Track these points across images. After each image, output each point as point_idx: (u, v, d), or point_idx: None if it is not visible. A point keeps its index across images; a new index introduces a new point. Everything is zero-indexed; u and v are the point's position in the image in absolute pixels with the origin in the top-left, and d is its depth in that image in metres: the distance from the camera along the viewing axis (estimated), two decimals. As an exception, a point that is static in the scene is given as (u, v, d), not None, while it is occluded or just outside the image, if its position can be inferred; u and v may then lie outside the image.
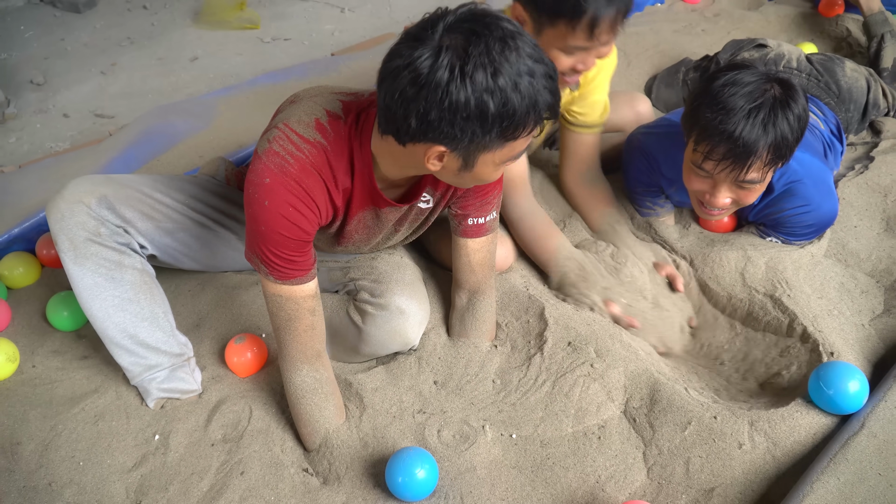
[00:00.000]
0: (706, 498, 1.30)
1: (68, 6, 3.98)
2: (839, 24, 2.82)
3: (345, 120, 1.30)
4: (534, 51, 1.10)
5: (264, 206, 1.26)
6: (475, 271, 1.58)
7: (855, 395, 1.34)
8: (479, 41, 1.06)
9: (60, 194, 1.47)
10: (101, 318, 1.47)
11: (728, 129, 1.48)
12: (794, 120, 1.48)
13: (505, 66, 1.06)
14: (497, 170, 1.23)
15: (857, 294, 1.71)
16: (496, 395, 1.52)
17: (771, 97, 1.48)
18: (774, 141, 1.47)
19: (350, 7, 3.92)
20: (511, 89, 1.07)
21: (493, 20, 1.09)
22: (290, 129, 1.28)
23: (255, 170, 1.28)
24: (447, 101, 1.06)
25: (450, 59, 1.05)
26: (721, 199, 1.61)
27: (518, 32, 1.10)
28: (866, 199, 2.00)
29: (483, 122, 1.09)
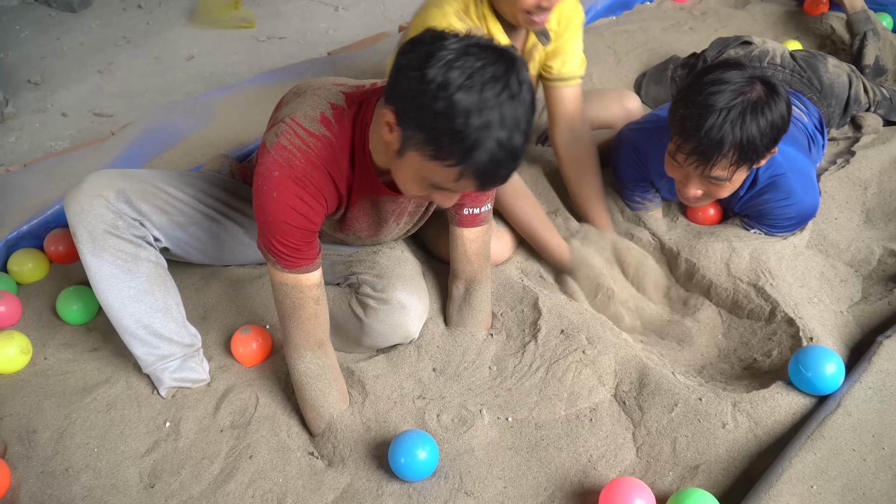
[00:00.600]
0: (692, 475, 1.37)
1: (63, 5, 4.00)
2: (824, 22, 2.89)
3: (347, 111, 1.35)
4: (517, 120, 1.11)
5: (272, 198, 1.32)
6: (471, 261, 1.64)
7: (832, 377, 1.42)
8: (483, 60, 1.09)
9: (80, 188, 1.52)
10: (118, 308, 1.53)
11: (698, 126, 1.53)
12: (765, 125, 1.52)
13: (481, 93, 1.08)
14: (414, 184, 1.24)
15: (837, 283, 1.79)
16: (493, 381, 1.59)
17: (748, 100, 1.53)
18: (741, 142, 1.52)
19: (344, 5, 3.96)
20: (461, 111, 1.08)
21: (515, 69, 1.11)
22: (297, 124, 1.34)
23: (263, 163, 1.34)
24: (419, 72, 1.10)
25: (456, 50, 1.09)
26: (691, 191, 1.68)
27: (521, 94, 1.11)
28: (847, 192, 2.08)
29: (421, 110, 1.11)
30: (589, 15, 3.00)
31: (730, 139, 1.52)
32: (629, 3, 3.14)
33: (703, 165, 1.59)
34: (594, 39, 2.78)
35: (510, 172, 1.17)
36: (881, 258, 1.84)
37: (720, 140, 1.53)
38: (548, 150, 2.28)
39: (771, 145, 1.58)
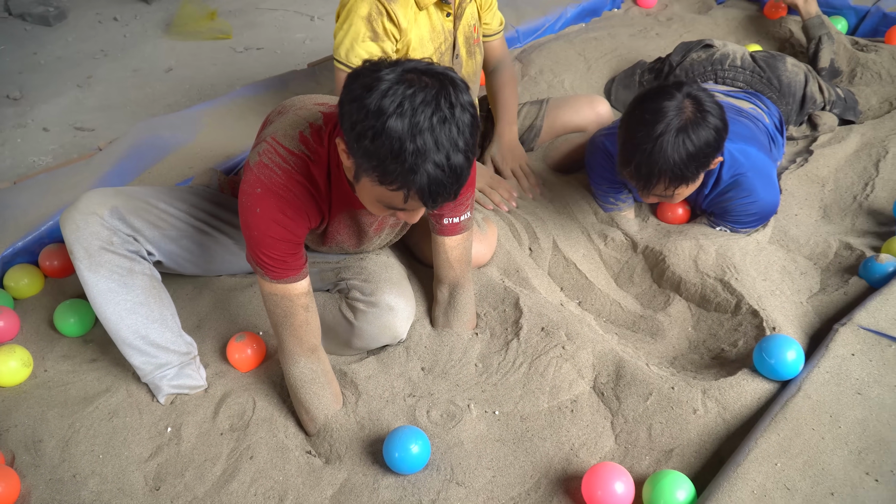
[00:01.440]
0: (666, 458, 1.47)
1: (38, 19, 4.02)
2: (782, 26, 3.01)
3: (324, 130, 1.44)
4: (452, 141, 1.18)
5: (256, 213, 1.40)
6: (453, 267, 1.73)
7: (793, 363, 1.52)
8: (416, 85, 1.16)
9: (75, 207, 1.59)
10: (115, 320, 1.60)
11: (633, 156, 1.68)
12: (692, 147, 1.64)
13: (413, 119, 1.15)
14: (375, 206, 1.32)
15: (797, 275, 1.90)
16: (479, 378, 1.67)
17: (675, 124, 1.63)
18: (672, 169, 1.65)
19: (319, 15, 4.03)
20: (395, 138, 1.15)
21: (448, 91, 1.18)
22: (278, 143, 1.43)
23: (247, 180, 1.42)
24: (358, 102, 1.18)
25: (391, 79, 1.17)
26: (647, 200, 1.85)
27: (454, 116, 1.17)
28: (806, 189, 2.20)
29: (360, 140, 1.19)
30: (559, 23, 3.10)
31: (657, 168, 1.66)
32: (598, 10, 3.25)
33: (644, 188, 1.74)
34: (565, 47, 2.88)
35: (456, 189, 1.24)
36: (838, 251, 1.95)
37: (649, 172, 1.67)
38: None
39: (709, 158, 1.69)
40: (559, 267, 2.00)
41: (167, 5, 4.19)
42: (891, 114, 2.49)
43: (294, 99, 1.61)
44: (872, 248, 1.93)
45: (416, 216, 1.37)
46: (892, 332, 1.58)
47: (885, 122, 2.46)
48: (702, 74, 2.34)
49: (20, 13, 4.06)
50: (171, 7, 4.16)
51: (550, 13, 3.08)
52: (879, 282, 1.78)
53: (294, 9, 4.11)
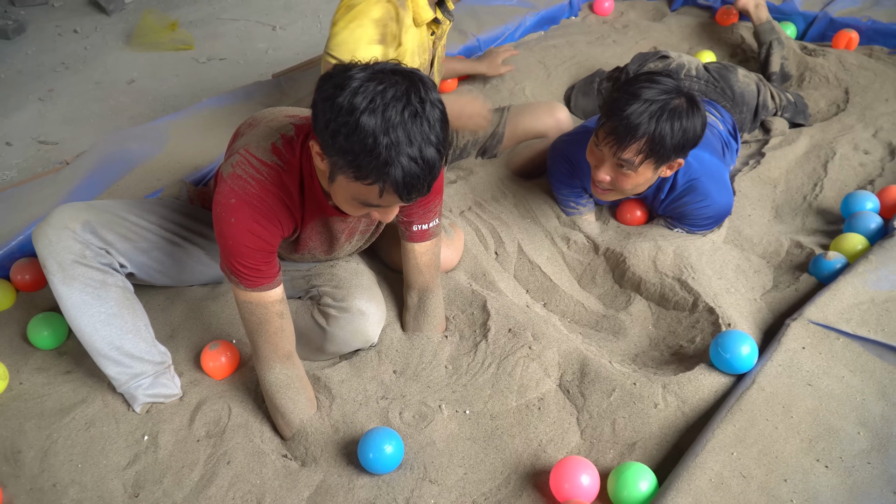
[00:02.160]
0: (630, 451, 1.54)
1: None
2: (734, 32, 3.12)
3: (296, 140, 1.48)
4: (424, 134, 1.22)
5: (231, 223, 1.44)
6: (423, 272, 1.78)
7: (747, 358, 1.60)
8: (385, 83, 1.21)
9: (47, 221, 1.61)
10: (90, 332, 1.61)
11: (623, 110, 1.73)
12: (678, 129, 1.72)
13: (384, 115, 1.19)
14: (351, 205, 1.37)
15: (751, 273, 1.99)
16: (449, 379, 1.73)
17: (670, 102, 1.72)
18: (653, 134, 1.71)
19: (281, 25, 4.05)
20: (368, 134, 1.19)
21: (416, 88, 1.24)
22: (250, 154, 1.47)
23: (220, 191, 1.46)
24: (330, 102, 1.22)
25: (361, 79, 1.22)
26: (601, 175, 1.84)
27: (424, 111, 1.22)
28: (758, 190, 2.29)
29: (335, 138, 1.24)
30: (519, 31, 3.17)
31: (643, 127, 1.72)
32: (556, 19, 3.33)
33: (616, 146, 1.76)
34: (525, 54, 2.96)
35: (430, 182, 1.29)
36: (789, 249, 2.04)
37: (636, 125, 1.72)
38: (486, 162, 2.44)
39: (678, 151, 1.77)
40: (524, 270, 2.06)
41: (127, 16, 4.17)
42: (838, 116, 2.61)
43: (264, 111, 1.65)
44: (821, 246, 2.03)
45: (391, 214, 1.42)
46: (840, 325, 1.66)
47: (832, 124, 2.57)
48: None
49: (-22, 26, 4.01)
50: (131, 18, 4.14)
51: (510, 21, 3.15)
52: (828, 278, 1.87)
53: (255, 19, 4.13)
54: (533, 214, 2.21)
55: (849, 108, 2.62)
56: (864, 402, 1.51)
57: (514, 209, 2.23)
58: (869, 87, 2.66)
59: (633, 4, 3.45)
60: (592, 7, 3.43)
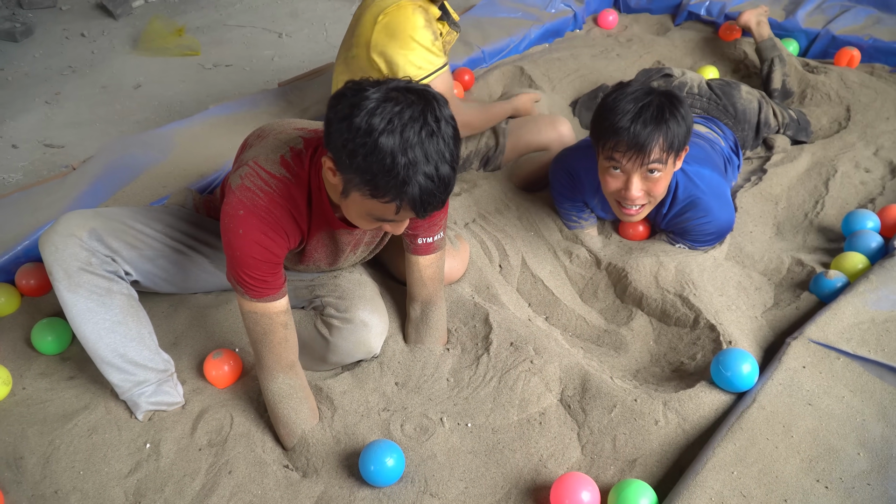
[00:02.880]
0: (630, 467, 1.54)
1: (4, 35, 3.99)
2: (737, 48, 3.14)
3: (305, 154, 1.50)
4: (440, 153, 1.25)
5: (239, 235, 1.45)
6: (426, 285, 1.79)
7: (748, 376, 1.61)
8: (402, 103, 1.24)
9: (54, 229, 1.62)
10: (94, 339, 1.62)
11: (624, 125, 1.75)
12: (679, 118, 1.76)
13: (402, 135, 1.23)
14: (363, 219, 1.40)
15: (752, 290, 2.00)
16: (451, 392, 1.74)
17: (654, 100, 1.76)
18: (665, 130, 1.74)
19: (287, 32, 4.07)
20: (387, 153, 1.22)
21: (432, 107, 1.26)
22: (259, 167, 1.48)
23: (229, 202, 1.47)
24: (347, 122, 1.25)
25: (377, 99, 1.24)
26: (635, 191, 1.83)
27: (440, 130, 1.25)
28: (760, 207, 2.30)
29: (353, 157, 1.26)
30: (524, 43, 3.20)
31: (653, 126, 1.74)
32: (560, 31, 3.35)
33: (640, 155, 1.77)
34: (530, 67, 2.97)
35: (444, 199, 1.32)
36: (790, 267, 2.06)
37: (648, 132, 1.74)
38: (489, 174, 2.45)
39: (688, 135, 1.81)
40: (527, 283, 2.08)
41: (134, 21, 4.20)
42: (840, 134, 2.62)
43: (273, 123, 1.66)
44: (822, 264, 2.04)
45: (402, 227, 1.45)
46: (840, 345, 1.67)
47: (834, 141, 2.58)
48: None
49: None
50: (138, 23, 4.16)
51: (515, 34, 3.18)
52: (829, 297, 1.88)
53: (262, 25, 4.15)
54: (536, 228, 2.22)
55: (850, 126, 2.63)
56: (864, 422, 1.52)
57: (517, 222, 2.24)
58: (870, 105, 2.68)
59: (637, 18, 3.47)
60: (597, 20, 3.45)
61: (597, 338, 1.94)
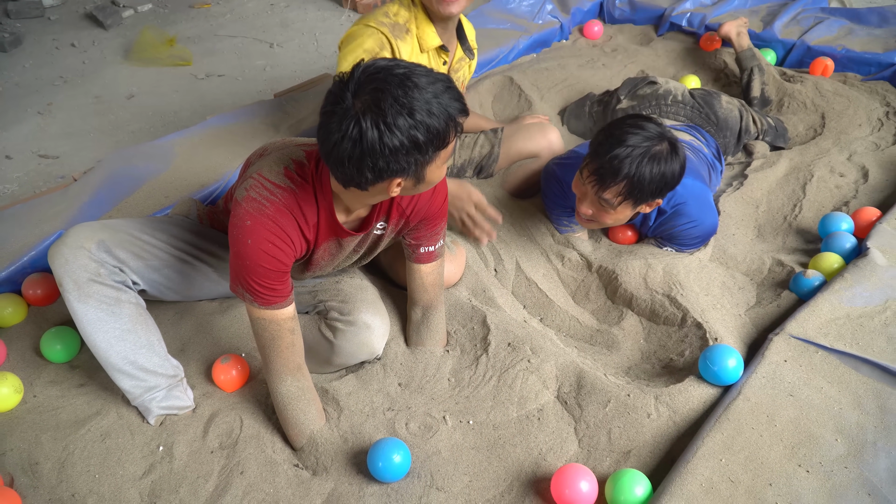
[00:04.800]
0: (625, 458, 1.63)
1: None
2: (717, 58, 3.25)
3: (308, 166, 1.55)
4: (429, 77, 1.32)
5: (247, 244, 1.51)
6: (427, 290, 1.86)
7: (733, 370, 1.70)
8: (386, 95, 1.30)
9: (63, 241, 1.68)
10: (105, 348, 1.68)
11: (607, 153, 1.83)
12: (657, 173, 1.83)
13: (414, 103, 1.30)
14: (442, 168, 1.47)
15: (736, 290, 2.10)
16: (452, 391, 1.81)
17: (651, 147, 1.82)
18: (632, 178, 1.82)
19: (278, 42, 4.12)
20: (427, 117, 1.30)
21: (385, 73, 1.31)
22: (264, 178, 1.53)
23: (236, 214, 1.53)
24: (387, 150, 1.31)
25: (372, 119, 1.29)
26: (583, 209, 1.97)
27: (410, 71, 1.31)
28: (742, 210, 2.40)
29: (419, 150, 1.33)
30: (512, 53, 3.28)
31: (625, 171, 1.82)
32: (548, 42, 3.44)
33: (598, 185, 1.88)
34: (519, 77, 3.06)
35: (464, 114, 1.38)
36: (771, 267, 2.16)
37: (617, 168, 1.82)
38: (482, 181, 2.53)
39: (656, 194, 1.88)
40: (522, 286, 2.16)
41: (125, 31, 4.23)
42: (815, 140, 2.73)
43: (274, 141, 1.74)
44: (801, 264, 2.14)
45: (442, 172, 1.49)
46: (818, 339, 1.77)
47: (810, 147, 2.69)
48: (647, 108, 2.54)
49: (-26, 39, 4.04)
50: (128, 33, 4.20)
51: (504, 44, 3.26)
52: (807, 295, 1.98)
53: (252, 36, 4.20)
54: (529, 233, 2.30)
55: (825, 133, 2.75)
56: (840, 411, 1.62)
57: (510, 228, 2.32)
58: (843, 112, 2.80)
59: (621, 29, 3.58)
60: (582, 31, 3.55)
61: (590, 337, 2.02)
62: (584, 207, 1.96)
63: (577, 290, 2.17)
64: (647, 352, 1.96)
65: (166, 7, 4.53)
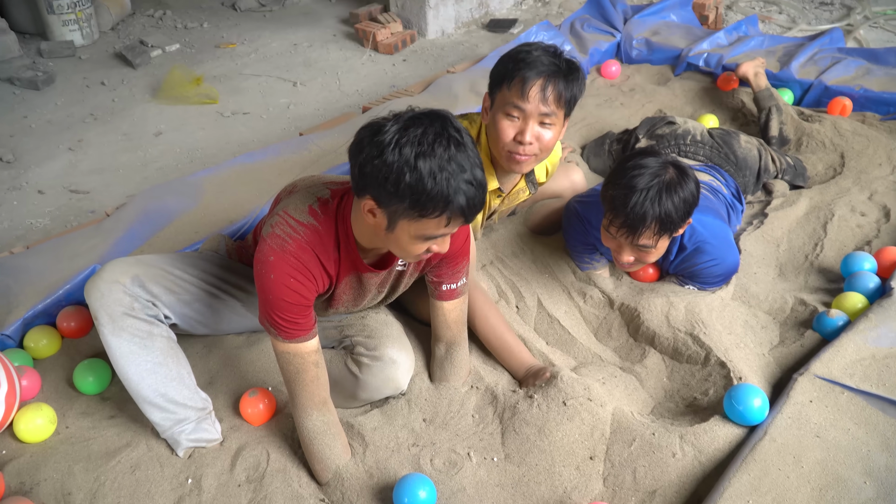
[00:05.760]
0: (650, 498, 1.63)
1: (27, 83, 4.13)
2: (735, 97, 3.29)
3: (331, 203, 1.60)
4: (471, 160, 1.37)
5: (271, 279, 1.55)
6: (451, 327, 1.89)
7: (759, 410, 1.71)
8: (421, 126, 1.36)
9: (99, 276, 1.73)
10: (136, 380, 1.72)
11: (624, 204, 1.86)
12: (679, 201, 1.85)
13: (434, 154, 1.34)
14: (414, 243, 1.48)
15: (759, 329, 2.10)
16: (476, 427, 1.82)
17: (663, 181, 1.85)
18: (660, 216, 1.84)
19: (302, 81, 4.22)
20: (428, 174, 1.33)
21: (448, 123, 1.38)
22: (288, 216, 1.59)
23: (261, 250, 1.58)
24: (379, 160, 1.36)
25: (397, 131, 1.36)
26: (624, 258, 1.99)
27: (463, 140, 1.37)
28: (762, 249, 2.42)
29: (397, 188, 1.36)
30: (532, 93, 3.34)
31: (651, 214, 1.85)
32: (566, 81, 3.49)
33: (631, 236, 1.90)
34: (538, 116, 3.11)
35: (484, 199, 1.43)
36: (793, 307, 2.16)
37: (643, 215, 1.85)
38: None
39: (686, 217, 1.90)
40: (544, 323, 2.18)
41: (153, 70, 4.35)
42: (835, 179, 2.75)
43: (304, 178, 1.79)
44: (824, 303, 2.15)
45: (447, 243, 1.53)
46: (844, 380, 1.77)
47: (830, 186, 2.71)
48: (666, 148, 2.57)
49: (8, 77, 4.17)
50: (156, 72, 4.32)
51: (524, 84, 3.31)
52: (831, 335, 1.98)
53: (277, 75, 4.30)
54: (550, 270, 2.33)
55: (845, 172, 2.77)
56: (869, 453, 1.61)
57: (532, 265, 2.35)
58: (863, 152, 2.82)
59: (638, 69, 3.63)
60: (600, 71, 3.61)
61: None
62: (625, 256, 1.98)
63: (600, 327, 2.19)
64: (670, 390, 1.96)
65: (193, 47, 4.65)
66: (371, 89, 4.11)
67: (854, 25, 4.44)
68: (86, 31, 4.64)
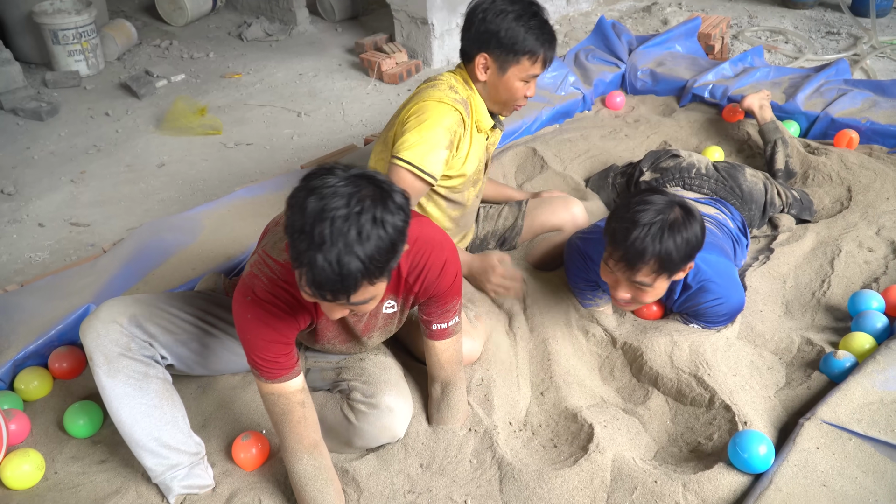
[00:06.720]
0: (653, 550, 1.58)
1: (31, 114, 4.15)
2: (740, 129, 3.25)
3: None
4: (354, 246, 1.24)
5: (247, 319, 1.54)
6: (444, 367, 1.85)
7: (764, 458, 1.66)
8: (361, 192, 1.26)
9: (96, 315, 1.71)
10: (130, 423, 1.68)
11: (625, 237, 1.82)
12: (681, 241, 1.81)
13: (328, 207, 1.23)
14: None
15: (764, 370, 2.05)
16: (474, 473, 1.78)
17: (667, 219, 1.82)
18: (660, 254, 1.80)
19: (306, 111, 4.23)
20: (308, 219, 1.24)
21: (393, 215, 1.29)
22: (266, 255, 1.57)
23: (239, 289, 1.57)
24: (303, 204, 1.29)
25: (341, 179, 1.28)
26: (620, 294, 1.95)
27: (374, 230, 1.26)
28: (769, 286, 2.37)
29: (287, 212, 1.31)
30: (535, 124, 3.32)
31: (651, 250, 1.81)
32: (570, 112, 3.48)
33: (629, 271, 1.86)
34: (542, 148, 3.09)
35: (343, 289, 1.29)
36: (800, 346, 2.11)
37: (643, 250, 1.81)
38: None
39: (686, 260, 1.86)
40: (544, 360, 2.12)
41: (157, 101, 4.37)
42: (842, 214, 2.70)
43: None
44: (831, 343, 2.10)
45: (336, 312, 1.42)
46: (851, 426, 1.72)
47: (837, 221, 2.66)
48: (670, 181, 2.54)
49: (12, 108, 4.19)
50: (161, 103, 4.33)
51: (527, 115, 3.30)
52: (839, 377, 1.93)
53: (281, 105, 4.31)
54: (551, 306, 2.29)
55: (852, 206, 2.72)
56: (877, 503, 1.56)
57: (533, 301, 2.30)
58: (870, 185, 2.77)
59: (643, 100, 3.61)
60: (605, 102, 3.59)
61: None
62: (621, 293, 1.94)
63: (602, 366, 2.14)
64: (674, 434, 1.91)
65: (199, 77, 4.67)
66: (375, 119, 4.10)
67: (861, 55, 4.42)
68: (91, 61, 4.66)
